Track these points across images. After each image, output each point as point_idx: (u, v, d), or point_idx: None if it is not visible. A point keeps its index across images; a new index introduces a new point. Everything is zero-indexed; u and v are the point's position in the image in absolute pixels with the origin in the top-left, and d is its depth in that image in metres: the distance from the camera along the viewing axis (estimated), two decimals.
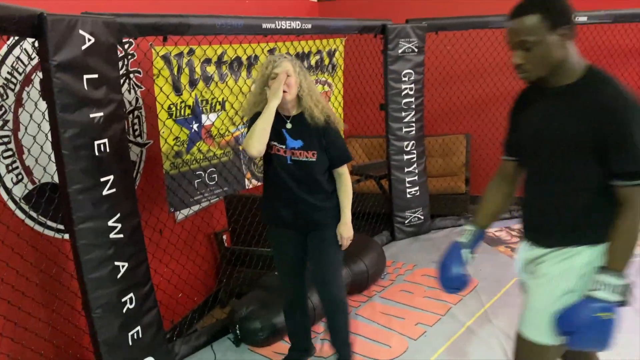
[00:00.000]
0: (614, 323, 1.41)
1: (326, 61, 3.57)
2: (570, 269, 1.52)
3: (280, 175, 2.35)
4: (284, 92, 2.21)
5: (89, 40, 2.14)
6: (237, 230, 3.62)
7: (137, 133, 2.94)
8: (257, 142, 2.22)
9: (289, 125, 2.32)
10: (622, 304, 1.42)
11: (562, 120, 1.47)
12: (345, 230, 2.38)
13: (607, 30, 4.68)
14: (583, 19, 4.30)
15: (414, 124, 4.18)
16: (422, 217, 4.36)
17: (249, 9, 4.20)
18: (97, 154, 2.18)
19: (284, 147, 2.31)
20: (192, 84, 2.76)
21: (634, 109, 1.39)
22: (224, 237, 3.78)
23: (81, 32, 2.10)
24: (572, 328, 1.43)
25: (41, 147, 2.39)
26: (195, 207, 3.33)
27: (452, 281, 1.76)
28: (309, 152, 2.30)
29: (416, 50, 4.01)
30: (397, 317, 3.00)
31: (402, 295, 2.93)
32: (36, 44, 2.08)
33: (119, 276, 2.32)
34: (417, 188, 4.30)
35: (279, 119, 2.30)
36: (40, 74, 2.45)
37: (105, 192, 2.24)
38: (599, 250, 1.48)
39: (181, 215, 3.33)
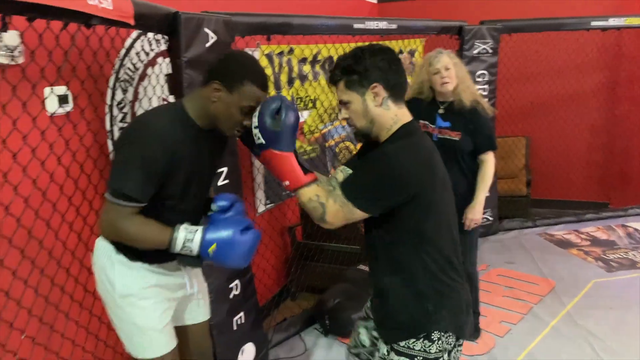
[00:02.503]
0: None
1: (407, 61, 3.63)
2: None
3: None
4: (446, 82, 2.50)
5: (212, 38, 2.25)
6: (308, 225, 3.71)
7: None
8: None
9: (441, 111, 2.59)
10: None
11: None
12: (472, 212, 2.56)
13: None
14: None
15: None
16: (491, 218, 4.38)
17: (318, 10, 4.30)
18: None
19: (432, 126, 2.59)
20: (290, 82, 2.86)
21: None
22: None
23: (206, 30, 2.21)
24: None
25: None
26: (276, 201, 3.43)
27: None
28: (453, 132, 2.55)
29: (491, 51, 4.04)
30: (480, 315, 3.04)
31: (481, 294, 2.97)
32: (149, 41, 2.20)
33: None
34: None
35: (435, 104, 2.61)
36: (154, 70, 2.60)
37: (220, 183, 2.35)
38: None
39: (262, 207, 3.44)
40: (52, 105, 1.95)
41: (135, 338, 1.61)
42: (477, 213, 2.56)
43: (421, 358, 1.43)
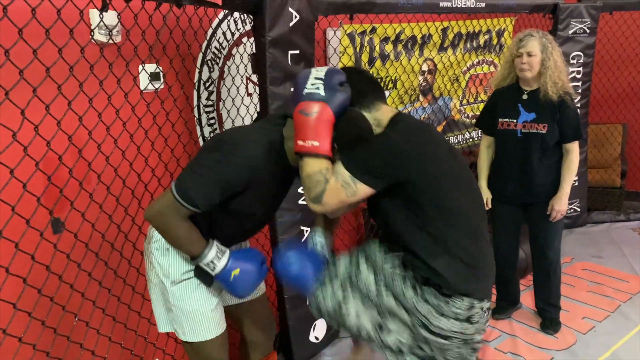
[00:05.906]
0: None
1: (494, 41, 3.48)
2: None
3: (508, 150, 2.54)
4: (524, 69, 2.41)
5: (295, 17, 2.27)
6: None
7: None
8: None
9: (525, 97, 2.48)
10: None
11: None
12: (559, 204, 2.49)
13: None
14: None
15: (578, 110, 3.95)
16: (579, 210, 4.14)
17: None
18: None
19: (515, 121, 2.48)
20: (371, 61, 2.83)
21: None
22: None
23: (290, 9, 2.23)
24: None
25: (242, 118, 2.60)
26: None
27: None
28: (540, 125, 2.44)
29: (588, 31, 3.77)
30: (561, 309, 2.90)
31: (563, 287, 2.83)
32: (235, 21, 2.25)
33: (303, 239, 2.48)
34: (576, 178, 4.07)
35: (518, 90, 2.50)
36: (238, 49, 2.66)
37: None
38: None
39: None
40: (144, 82, 2.06)
41: (186, 322, 1.63)
42: (563, 204, 2.49)
43: (459, 339, 1.41)
